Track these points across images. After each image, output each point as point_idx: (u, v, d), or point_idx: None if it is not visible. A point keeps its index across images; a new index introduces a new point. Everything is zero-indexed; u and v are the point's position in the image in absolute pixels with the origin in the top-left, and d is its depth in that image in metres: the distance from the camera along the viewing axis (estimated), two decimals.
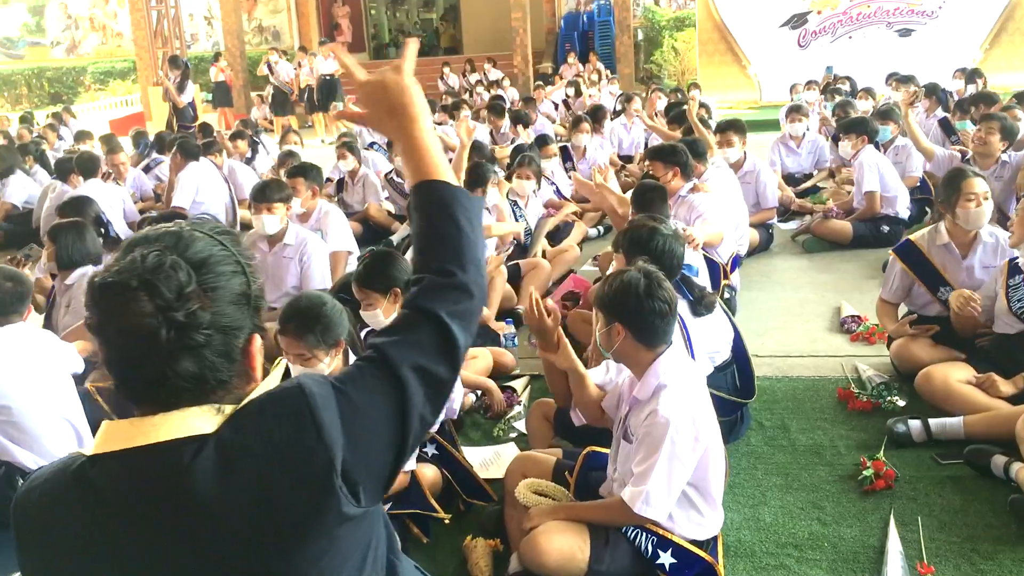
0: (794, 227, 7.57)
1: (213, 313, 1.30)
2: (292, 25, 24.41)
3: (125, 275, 1.26)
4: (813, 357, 4.91)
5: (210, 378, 1.31)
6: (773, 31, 16.63)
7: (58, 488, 1.33)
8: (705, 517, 2.88)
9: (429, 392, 1.42)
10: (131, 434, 1.29)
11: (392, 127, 1.58)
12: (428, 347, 1.44)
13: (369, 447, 1.35)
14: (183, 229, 1.35)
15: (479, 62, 20.22)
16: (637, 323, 2.82)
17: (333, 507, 1.30)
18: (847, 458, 3.75)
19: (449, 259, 1.50)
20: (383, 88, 1.57)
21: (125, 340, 1.28)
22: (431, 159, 1.55)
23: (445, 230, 1.52)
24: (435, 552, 3.24)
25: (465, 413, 4.34)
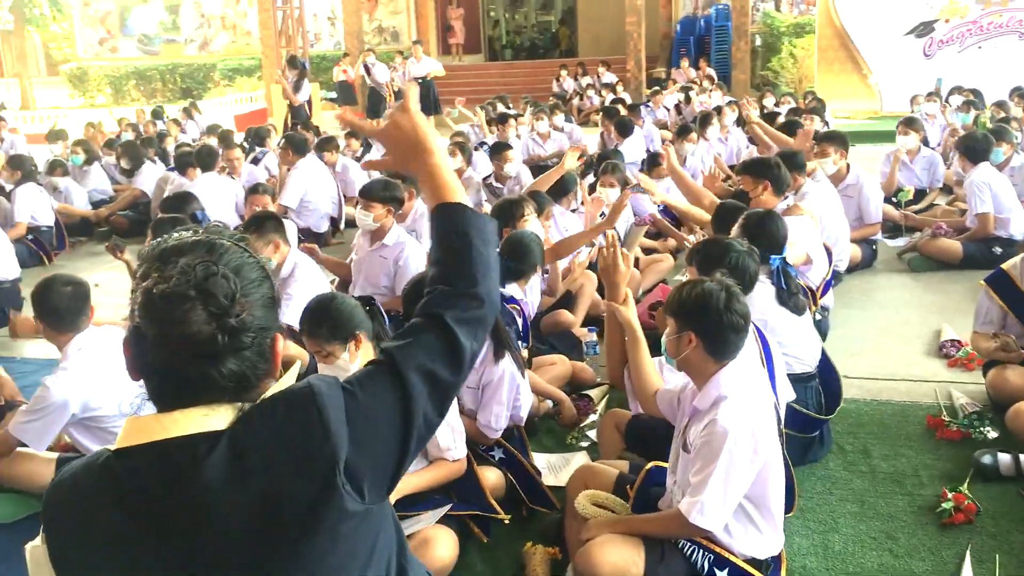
0: (901, 244, 7.32)
1: (253, 316, 1.40)
2: (411, 26, 24.87)
3: (182, 285, 1.35)
4: (906, 381, 4.74)
5: (251, 377, 1.41)
6: (897, 39, 16.05)
7: (86, 481, 1.41)
8: (764, 535, 2.83)
9: (433, 394, 1.49)
10: (153, 429, 1.38)
11: (414, 163, 1.68)
12: (433, 350, 1.51)
13: (374, 446, 1.43)
14: (211, 239, 1.43)
15: (592, 66, 20.20)
16: (712, 335, 2.80)
17: (336, 503, 1.36)
18: (929, 489, 3.62)
19: (460, 272, 1.59)
20: (399, 131, 1.68)
21: (180, 345, 1.35)
22: (447, 184, 1.66)
23: (458, 246, 1.60)
24: (495, 554, 3.29)
25: (540, 419, 4.37)
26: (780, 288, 3.93)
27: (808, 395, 3.95)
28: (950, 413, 4.23)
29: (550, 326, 5.30)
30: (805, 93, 14.13)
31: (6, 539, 3.45)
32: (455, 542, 3.10)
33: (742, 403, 2.73)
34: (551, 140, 10.76)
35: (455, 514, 3.19)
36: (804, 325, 4.01)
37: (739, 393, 2.75)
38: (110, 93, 26.51)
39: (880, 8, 16.14)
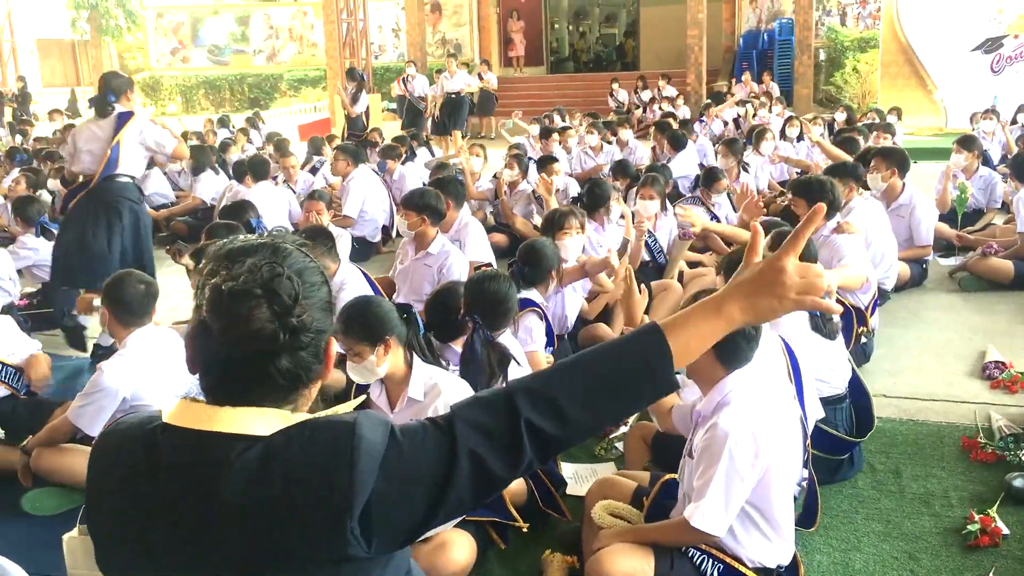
0: (953, 263, 7.19)
1: (312, 318, 1.45)
2: (473, 38, 25.11)
3: (249, 283, 1.40)
4: (945, 402, 4.67)
5: (303, 376, 1.46)
6: (964, 55, 15.74)
7: (132, 441, 1.48)
8: (772, 542, 2.83)
9: (477, 481, 1.43)
10: (202, 417, 1.43)
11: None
12: (496, 442, 1.44)
13: (398, 503, 1.40)
14: (276, 242, 1.49)
15: (652, 79, 20.16)
16: (722, 342, 2.81)
17: (340, 545, 1.35)
18: (957, 510, 3.58)
19: (574, 392, 1.49)
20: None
21: (244, 340, 1.40)
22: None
23: (605, 370, 1.52)
24: (514, 560, 3.33)
25: None
26: (812, 315, 3.89)
27: (839, 417, 3.92)
28: (987, 435, 4.16)
29: (588, 339, 5.33)
30: (868, 110, 13.91)
31: (49, 531, 3.58)
32: (472, 546, 3.15)
33: (744, 407, 2.76)
34: (603, 153, 10.78)
35: (474, 519, 3.24)
36: (835, 349, 3.97)
37: (742, 398, 2.79)
38: (181, 102, 27.23)
39: (946, 23, 15.85)
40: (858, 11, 21.16)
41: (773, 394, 2.96)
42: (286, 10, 27.65)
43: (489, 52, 24.53)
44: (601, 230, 6.31)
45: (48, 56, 32.35)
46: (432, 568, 3.00)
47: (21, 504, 3.87)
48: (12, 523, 3.79)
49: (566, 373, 1.51)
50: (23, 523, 3.79)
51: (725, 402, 2.78)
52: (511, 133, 12.44)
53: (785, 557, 2.87)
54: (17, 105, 18.13)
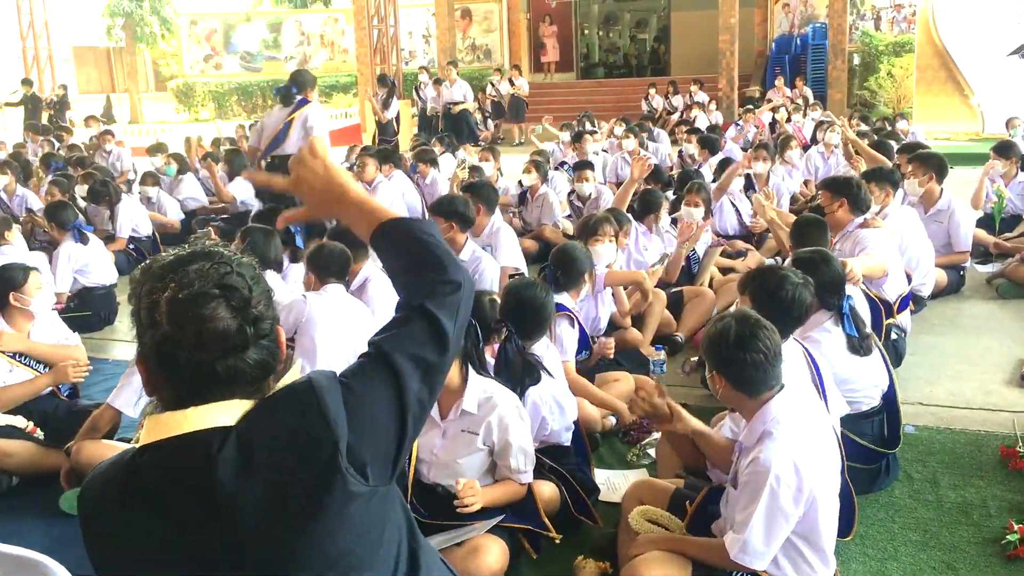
0: (991, 270, 7.09)
1: (266, 308, 1.52)
2: (504, 44, 25.16)
3: (205, 286, 1.45)
4: (983, 410, 4.61)
5: (271, 364, 1.53)
6: (1000, 60, 15.55)
7: (114, 477, 1.52)
8: (815, 570, 2.77)
9: (423, 376, 1.59)
10: (168, 426, 1.47)
11: (336, 206, 1.74)
12: (417, 336, 1.61)
13: (372, 429, 1.52)
14: (205, 248, 1.54)
15: (684, 84, 20.10)
16: (730, 373, 2.78)
17: (340, 486, 1.45)
18: (996, 520, 3.52)
19: (427, 265, 1.68)
20: (308, 180, 1.73)
21: (212, 343, 1.45)
22: (376, 208, 1.73)
23: (415, 248, 1.69)
24: (546, 566, 3.31)
25: (603, 436, 4.40)
26: (850, 336, 3.82)
27: (872, 429, 3.87)
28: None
29: (619, 344, 5.32)
30: (898, 114, 13.77)
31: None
32: (505, 552, 3.13)
33: (787, 439, 2.67)
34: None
35: (507, 525, 3.24)
36: (872, 364, 3.89)
37: (785, 428, 2.70)
38: (214, 108, 27.49)
39: (982, 28, 15.67)
40: (892, 15, 20.98)
41: (811, 414, 2.88)
42: (317, 16, 27.85)
43: (519, 58, 24.55)
44: (649, 235, 6.31)
45: (84, 63, 32.87)
46: (465, 573, 2.99)
47: (60, 504, 3.92)
48: (52, 523, 3.84)
49: (414, 265, 1.70)
50: (62, 524, 3.84)
51: (768, 432, 2.69)
52: (540, 139, 12.43)
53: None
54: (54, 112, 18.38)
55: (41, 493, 4.06)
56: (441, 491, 3.28)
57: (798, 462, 2.63)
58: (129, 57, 28.92)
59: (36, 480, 4.17)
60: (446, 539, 3.14)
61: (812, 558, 2.76)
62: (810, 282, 3.47)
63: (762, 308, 3.22)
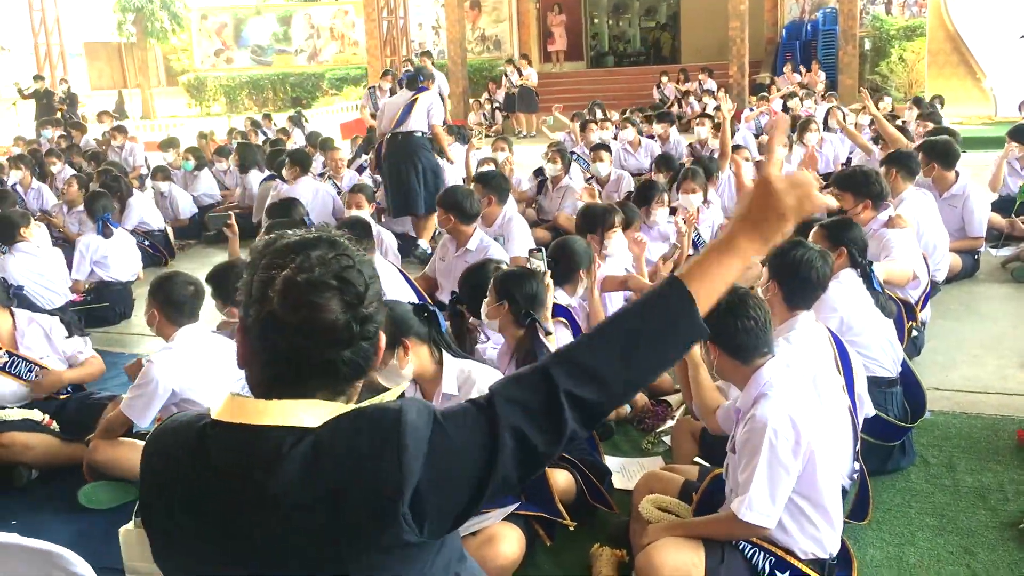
0: (1006, 253, 7.05)
1: (376, 309, 1.49)
2: (513, 34, 25.10)
3: (325, 275, 1.43)
4: (1000, 394, 4.59)
5: (364, 366, 1.49)
6: (1014, 42, 15.42)
7: (183, 439, 1.51)
8: (821, 531, 2.79)
9: (521, 456, 1.46)
10: (250, 411, 1.45)
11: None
12: (537, 416, 1.46)
13: (446, 486, 1.42)
14: (330, 236, 1.51)
15: (694, 72, 20.02)
16: (724, 341, 2.86)
17: (393, 531, 1.38)
18: (1013, 504, 3.51)
19: (607, 354, 1.51)
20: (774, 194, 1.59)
21: (316, 333, 1.43)
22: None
23: (633, 326, 1.54)
24: (562, 554, 3.32)
25: (617, 424, 4.40)
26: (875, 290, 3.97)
27: (889, 401, 3.87)
28: None
29: None
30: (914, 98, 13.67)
31: (106, 524, 3.66)
32: (521, 540, 3.14)
33: (782, 397, 2.74)
34: (642, 148, 10.72)
35: (522, 513, 3.25)
36: (887, 329, 3.95)
37: (779, 388, 2.77)
38: (225, 102, 27.56)
39: (995, 10, 15.55)
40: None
41: (815, 382, 2.94)
42: (327, 9, 27.85)
43: (529, 48, 24.51)
44: (645, 226, 6.27)
45: (95, 59, 33.00)
46: (481, 561, 2.99)
47: (78, 498, 3.95)
48: (70, 516, 3.88)
49: (597, 337, 1.55)
50: (81, 516, 3.87)
51: (763, 394, 2.77)
52: (552, 129, 12.39)
53: (835, 545, 2.84)
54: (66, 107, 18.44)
55: (60, 487, 4.09)
56: None
57: (794, 416, 2.70)
58: (140, 52, 29.00)
59: (54, 473, 4.21)
60: (461, 528, 3.14)
61: (816, 518, 2.79)
62: (828, 255, 3.53)
63: (777, 274, 3.41)
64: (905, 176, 5.99)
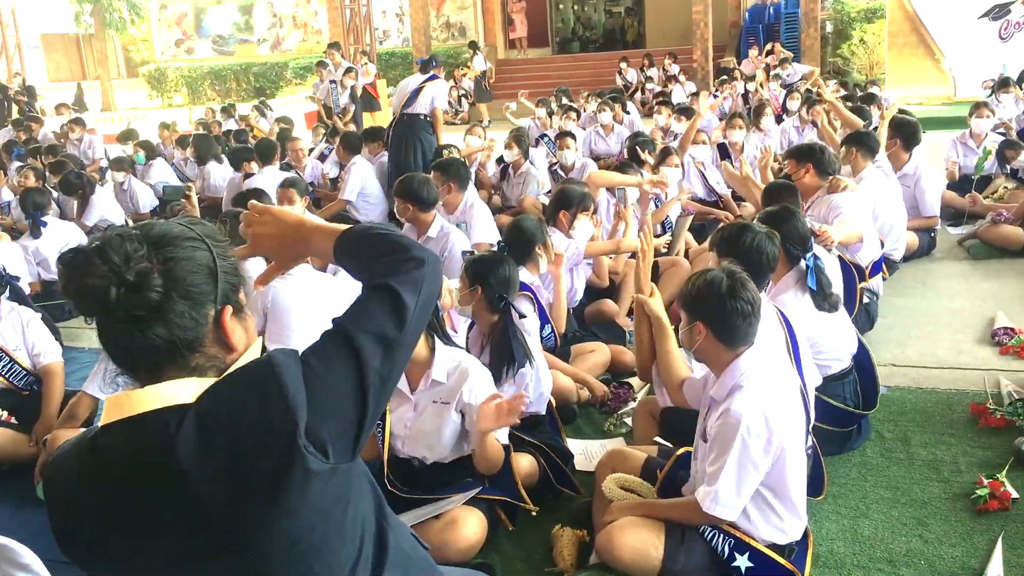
0: (962, 231, 7.15)
1: (169, 278, 1.46)
2: (478, 21, 25.01)
3: (82, 246, 1.47)
4: (954, 369, 4.67)
5: (179, 342, 1.48)
6: (971, 22, 15.62)
7: (76, 456, 1.53)
8: (784, 521, 2.84)
9: (385, 352, 1.57)
10: (126, 405, 1.47)
11: (299, 244, 1.78)
12: (378, 312, 1.59)
13: (332, 407, 1.50)
14: (156, 220, 1.56)
15: (659, 57, 20.07)
16: (718, 323, 2.82)
17: (300, 464, 1.43)
18: (966, 476, 3.58)
19: (389, 250, 1.68)
20: (262, 234, 1.79)
21: (86, 303, 1.46)
22: (330, 228, 1.77)
23: (375, 242, 1.71)
24: (524, 535, 3.35)
25: (580, 407, 4.43)
26: (814, 292, 3.86)
27: (846, 391, 3.91)
28: (996, 401, 4.15)
29: (594, 315, 5.35)
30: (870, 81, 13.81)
31: None
32: (483, 523, 3.16)
33: (757, 391, 2.73)
34: (614, 133, 10.74)
35: (484, 498, 3.27)
36: (839, 321, 3.95)
37: (755, 381, 2.76)
38: (187, 93, 27.25)
39: None
40: None
41: (780, 372, 2.94)
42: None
43: (494, 34, 24.45)
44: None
45: (53, 51, 32.42)
46: (443, 544, 3.02)
47: (37, 492, 3.92)
48: (28, 510, 3.84)
49: (377, 257, 1.69)
50: (40, 510, 3.82)
51: (738, 385, 2.76)
52: (516, 115, 12.36)
53: (796, 533, 2.88)
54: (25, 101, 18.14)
55: (17, 482, 4.06)
56: (416, 465, 3.30)
57: (768, 414, 2.70)
58: (99, 44, 28.52)
59: (13, 468, 4.17)
60: (424, 512, 3.16)
61: (781, 509, 2.82)
62: (774, 234, 3.52)
63: (727, 258, 3.35)
64: (865, 154, 6.09)
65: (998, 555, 3.02)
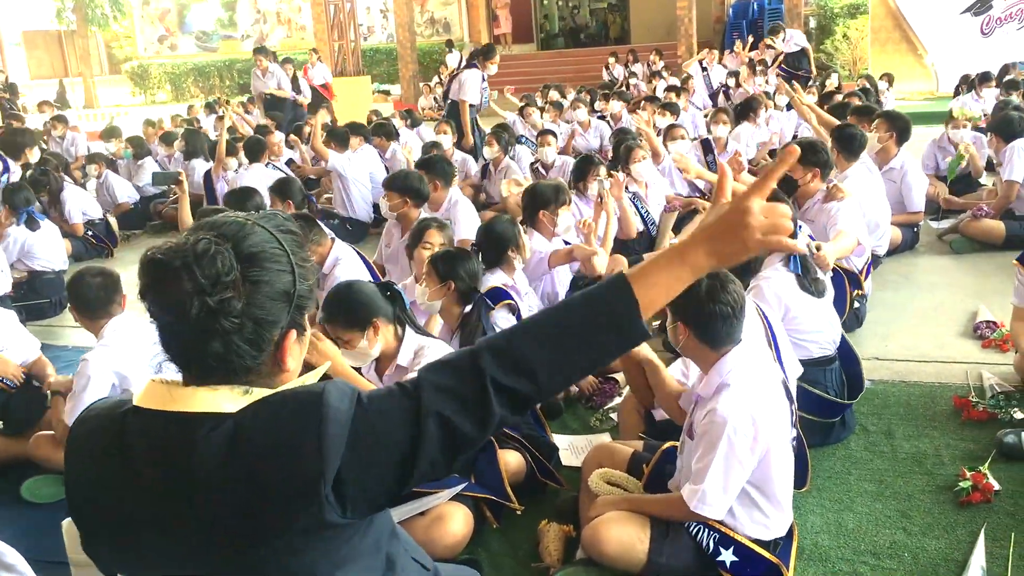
0: (944, 226, 7.20)
1: (248, 304, 1.40)
2: (462, 17, 24.98)
3: (172, 255, 1.40)
4: (937, 363, 4.69)
5: (235, 362, 1.43)
6: (954, 18, 15.69)
7: (105, 426, 1.51)
8: (770, 517, 2.86)
9: (448, 443, 1.43)
10: (168, 398, 1.45)
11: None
12: (464, 403, 1.44)
13: (369, 469, 1.41)
14: (247, 221, 1.47)
15: (643, 52, 20.08)
16: (698, 324, 2.83)
17: (315, 511, 1.38)
18: (949, 468, 3.61)
19: (540, 347, 1.47)
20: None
21: (162, 312, 1.44)
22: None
23: (566, 324, 1.49)
24: (509, 532, 3.35)
25: (566, 402, 4.43)
26: (798, 274, 3.91)
27: (828, 378, 3.93)
28: (979, 394, 4.19)
29: None
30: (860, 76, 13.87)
31: (49, 518, 3.60)
32: (469, 519, 3.16)
33: (743, 390, 2.74)
34: (592, 128, 10.74)
35: (471, 495, 3.27)
36: (824, 307, 3.99)
37: (741, 380, 2.77)
38: (170, 90, 27.09)
39: None
40: None
41: (765, 368, 2.95)
42: None
43: (479, 30, 24.43)
44: (584, 199, 6.29)
45: (35, 48, 32.19)
46: (429, 541, 3.02)
47: (21, 492, 3.90)
48: (13, 510, 3.82)
49: (532, 328, 1.50)
50: (24, 510, 3.82)
51: (725, 384, 2.76)
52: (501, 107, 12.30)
53: (782, 529, 2.90)
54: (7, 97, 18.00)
55: (1, 482, 4.04)
56: None
57: (754, 413, 2.71)
58: (81, 40, 28.32)
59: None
60: (410, 509, 3.16)
61: (766, 506, 2.84)
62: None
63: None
64: (849, 156, 6.09)
65: (981, 547, 3.04)
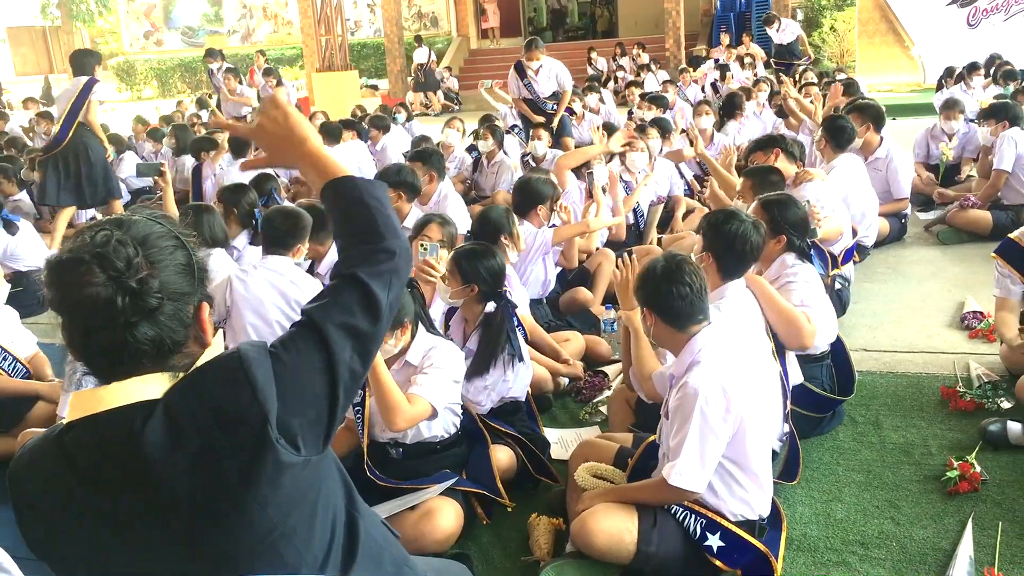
0: (932, 217, 7.23)
1: (161, 281, 1.46)
2: (450, 11, 24.91)
3: (77, 252, 1.43)
4: (924, 353, 4.71)
5: (167, 341, 1.48)
6: (940, 10, 15.74)
7: (42, 454, 1.52)
8: (750, 492, 2.87)
9: (356, 345, 1.57)
10: (92, 402, 1.46)
11: (292, 154, 1.73)
12: (350, 305, 1.59)
13: (302, 400, 1.50)
14: (123, 216, 1.53)
15: (630, 46, 20.09)
16: (659, 307, 2.91)
17: (271, 457, 1.44)
18: (937, 458, 3.63)
19: (367, 232, 1.67)
20: (271, 125, 1.72)
21: (85, 311, 1.42)
22: (330, 163, 1.72)
23: (358, 212, 1.68)
24: (499, 526, 3.36)
25: (555, 396, 4.44)
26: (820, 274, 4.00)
27: (821, 374, 3.95)
28: (966, 384, 4.21)
29: (568, 304, 5.36)
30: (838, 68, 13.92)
31: None
32: (459, 513, 3.16)
33: (714, 365, 2.78)
34: (585, 121, 10.74)
35: (462, 489, 3.27)
36: (827, 305, 3.98)
37: (711, 355, 2.81)
38: (156, 86, 26.96)
39: None
40: None
41: (747, 349, 2.99)
42: None
43: (467, 24, 24.37)
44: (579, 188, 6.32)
45: (20, 44, 31.98)
46: (420, 535, 3.03)
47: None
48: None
49: (353, 229, 1.70)
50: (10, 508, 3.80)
51: (695, 361, 2.81)
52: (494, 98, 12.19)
53: (765, 507, 2.91)
54: None
55: None
56: (394, 452, 3.30)
57: (725, 384, 2.75)
58: (66, 36, 28.20)
59: None
60: (400, 503, 3.16)
61: (745, 481, 2.86)
62: (761, 224, 3.53)
63: (711, 245, 3.42)
64: (835, 148, 6.13)
65: (968, 536, 3.06)
